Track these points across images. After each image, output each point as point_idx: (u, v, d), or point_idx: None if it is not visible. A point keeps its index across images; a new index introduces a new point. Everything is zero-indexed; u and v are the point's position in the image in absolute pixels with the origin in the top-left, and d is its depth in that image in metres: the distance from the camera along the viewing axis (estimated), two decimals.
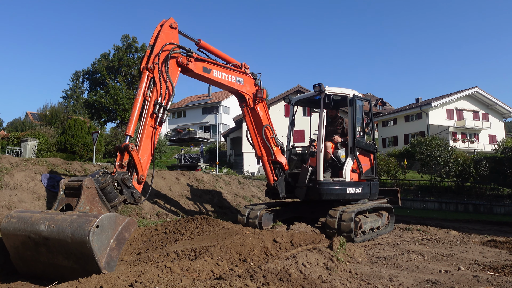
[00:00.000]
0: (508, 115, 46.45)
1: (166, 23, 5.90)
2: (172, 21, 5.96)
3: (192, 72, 6.30)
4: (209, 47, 6.82)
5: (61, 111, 49.73)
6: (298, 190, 7.69)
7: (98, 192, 4.37)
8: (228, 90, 7.51)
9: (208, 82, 7.03)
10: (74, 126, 27.56)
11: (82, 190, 4.17)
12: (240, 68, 7.38)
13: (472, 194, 22.59)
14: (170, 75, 5.74)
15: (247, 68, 7.53)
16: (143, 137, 5.34)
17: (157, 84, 5.56)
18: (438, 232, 8.89)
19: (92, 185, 4.29)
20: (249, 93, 7.52)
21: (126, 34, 54.11)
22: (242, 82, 7.37)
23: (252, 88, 7.62)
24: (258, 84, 7.71)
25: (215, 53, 6.92)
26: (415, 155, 29.18)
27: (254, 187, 13.88)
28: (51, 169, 8.23)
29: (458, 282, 4.10)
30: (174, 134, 57.92)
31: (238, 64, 7.34)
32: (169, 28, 5.91)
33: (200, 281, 3.50)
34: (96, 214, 3.75)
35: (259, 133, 7.80)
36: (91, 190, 4.27)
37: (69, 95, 70.28)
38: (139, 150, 5.23)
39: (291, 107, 9.15)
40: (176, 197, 10.10)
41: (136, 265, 4.03)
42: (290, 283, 3.50)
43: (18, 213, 4.10)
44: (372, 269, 4.78)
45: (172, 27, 5.95)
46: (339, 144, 8.18)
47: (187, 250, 4.66)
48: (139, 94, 5.37)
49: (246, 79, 7.47)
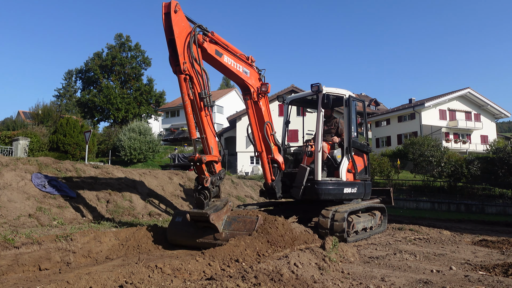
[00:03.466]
0: (500, 116, 46.89)
1: (171, 11, 5.51)
2: (174, 4, 5.55)
3: (206, 52, 6.22)
4: (220, 38, 6.74)
5: (54, 110, 49.31)
6: (295, 189, 7.65)
7: (216, 212, 5.87)
8: (235, 80, 7.45)
9: (218, 67, 6.90)
10: (66, 125, 27.36)
11: (211, 221, 5.69)
12: (247, 60, 7.34)
13: (464, 194, 22.77)
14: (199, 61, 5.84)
15: (254, 61, 7.49)
16: (205, 128, 5.96)
17: (194, 78, 5.76)
18: (430, 232, 8.93)
19: (213, 216, 5.75)
20: (254, 86, 7.49)
21: (119, 32, 53.91)
22: (249, 74, 7.32)
23: (257, 82, 7.58)
24: (262, 80, 7.69)
25: (224, 43, 6.84)
26: (408, 155, 29.34)
27: (247, 187, 13.86)
28: (41, 169, 8.14)
29: (450, 281, 4.11)
30: (167, 133, 57.64)
31: (245, 56, 7.30)
32: (176, 16, 5.58)
33: (191, 282, 3.47)
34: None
35: (261, 129, 7.76)
36: (215, 217, 5.79)
37: (61, 94, 69.57)
38: (207, 139, 6.02)
39: (285, 106, 9.12)
40: (169, 196, 10.05)
41: (127, 265, 3.98)
42: (282, 283, 3.49)
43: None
44: (365, 269, 4.78)
45: (176, 12, 5.59)
46: (335, 144, 8.19)
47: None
48: (185, 99, 5.66)
49: (252, 72, 7.44)
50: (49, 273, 4.65)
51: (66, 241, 5.22)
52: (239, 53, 7.18)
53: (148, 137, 40.52)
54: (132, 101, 48.93)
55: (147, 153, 39.96)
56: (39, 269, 4.77)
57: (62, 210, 7.29)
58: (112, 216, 7.99)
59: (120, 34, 50.61)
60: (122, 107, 47.80)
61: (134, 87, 50.37)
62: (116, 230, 6.14)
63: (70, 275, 4.36)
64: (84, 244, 5.38)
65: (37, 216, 6.83)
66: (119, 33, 50.76)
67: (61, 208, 7.31)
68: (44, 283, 3.80)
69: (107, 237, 5.74)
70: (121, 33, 51.01)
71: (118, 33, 53.84)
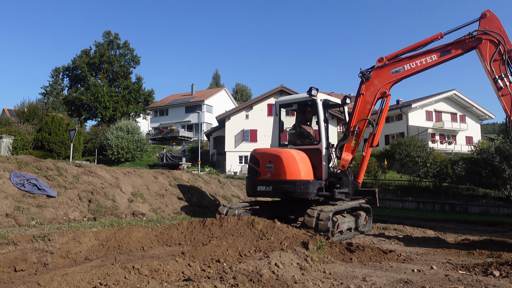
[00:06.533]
0: (484, 117, 47.67)
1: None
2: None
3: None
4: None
5: (40, 108, 48.44)
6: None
7: None
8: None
9: None
10: (51, 123, 26.90)
11: None
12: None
13: (449, 194, 23.05)
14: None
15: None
16: None
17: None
18: (414, 231, 8.99)
19: None
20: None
21: (108, 30, 53.18)
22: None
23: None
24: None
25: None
26: (395, 156, 29.62)
27: (234, 186, 13.79)
28: (21, 167, 7.95)
29: (430, 281, 4.12)
30: (156, 132, 57.18)
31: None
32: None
33: (168, 283, 3.39)
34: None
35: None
36: None
37: (48, 91, 68.34)
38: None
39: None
40: (154, 196, 9.92)
41: (102, 266, 3.89)
42: (261, 284, 3.44)
43: None
44: (347, 268, 4.76)
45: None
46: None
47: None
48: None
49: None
50: (25, 274, 4.52)
51: (43, 242, 5.09)
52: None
53: (136, 136, 40.13)
54: (120, 100, 48.38)
55: (135, 152, 39.56)
56: (15, 270, 4.64)
57: (41, 209, 7.12)
58: (94, 216, 7.85)
59: (109, 32, 50.01)
60: (110, 105, 47.21)
61: (122, 86, 49.80)
62: (96, 230, 6.02)
63: (46, 276, 4.24)
64: (63, 245, 5.26)
65: (14, 215, 6.65)
66: (108, 31, 50.18)
67: (41, 208, 7.14)
68: (17, 285, 3.69)
69: (86, 237, 5.62)
70: (109, 31, 50.45)
71: (106, 30, 53.22)
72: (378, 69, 7.64)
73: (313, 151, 8.04)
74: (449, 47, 7.10)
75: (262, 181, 7.97)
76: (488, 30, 6.72)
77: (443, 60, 7.17)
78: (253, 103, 38.13)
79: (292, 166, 7.57)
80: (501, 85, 6.51)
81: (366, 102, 7.75)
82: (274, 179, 7.80)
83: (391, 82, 7.59)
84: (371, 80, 7.65)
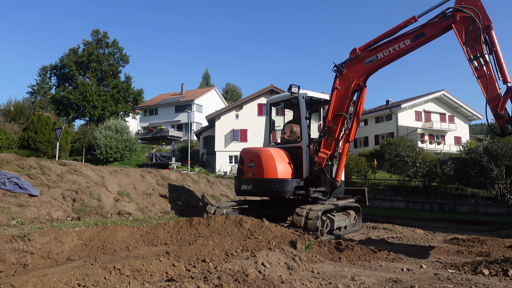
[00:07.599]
0: (473, 118, 48.28)
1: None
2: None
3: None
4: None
5: (26, 107, 47.67)
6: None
7: None
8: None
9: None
10: (37, 122, 26.41)
11: None
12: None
13: (438, 194, 23.27)
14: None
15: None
16: None
17: None
18: (403, 230, 8.98)
19: None
20: None
21: (96, 28, 52.53)
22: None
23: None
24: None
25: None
26: (384, 156, 29.78)
27: (223, 185, 13.66)
28: (2, 166, 7.71)
29: (419, 280, 4.05)
30: (145, 132, 56.68)
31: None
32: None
33: (150, 284, 3.26)
34: None
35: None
36: None
37: (35, 90, 67.22)
38: None
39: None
40: (141, 195, 9.74)
41: (82, 266, 3.73)
42: (247, 284, 3.32)
43: None
44: (335, 268, 4.68)
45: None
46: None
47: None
48: None
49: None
50: (2, 275, 4.33)
51: (23, 242, 4.90)
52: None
53: (125, 135, 39.68)
54: (109, 99, 47.78)
55: (123, 152, 39.12)
56: None
57: (22, 209, 6.90)
58: (78, 215, 7.65)
59: (97, 30, 49.39)
60: (98, 104, 46.58)
61: (111, 85, 49.18)
62: (79, 230, 5.84)
63: (23, 277, 4.06)
64: (44, 245, 5.07)
65: None
66: (96, 29, 49.55)
67: (22, 207, 6.92)
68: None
69: (69, 237, 5.44)
70: (98, 29, 49.81)
71: (95, 29, 52.59)
72: (352, 61, 7.25)
73: (296, 149, 7.95)
74: (422, 30, 6.56)
75: (245, 179, 7.91)
76: (462, 6, 6.09)
77: (417, 44, 6.64)
78: (243, 103, 38.02)
79: (270, 165, 7.49)
80: (477, 66, 5.91)
81: (341, 97, 7.36)
82: (254, 177, 7.73)
83: (365, 73, 7.15)
84: (344, 73, 7.25)
